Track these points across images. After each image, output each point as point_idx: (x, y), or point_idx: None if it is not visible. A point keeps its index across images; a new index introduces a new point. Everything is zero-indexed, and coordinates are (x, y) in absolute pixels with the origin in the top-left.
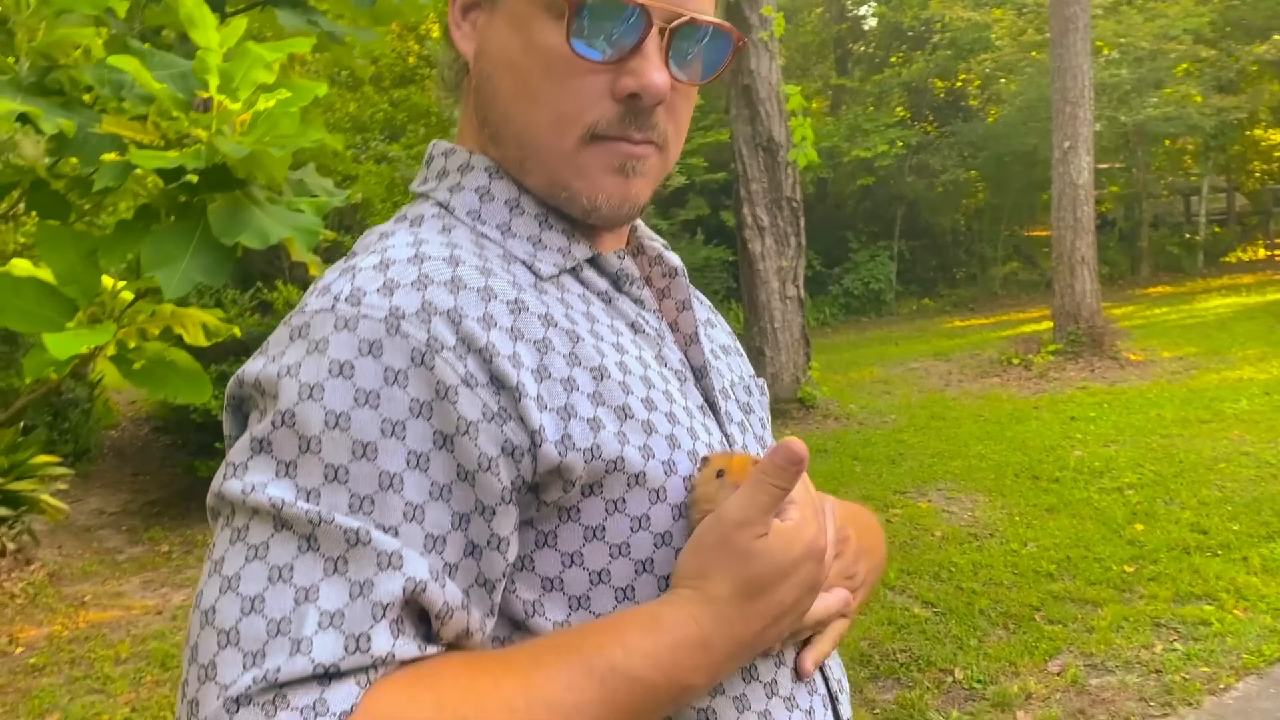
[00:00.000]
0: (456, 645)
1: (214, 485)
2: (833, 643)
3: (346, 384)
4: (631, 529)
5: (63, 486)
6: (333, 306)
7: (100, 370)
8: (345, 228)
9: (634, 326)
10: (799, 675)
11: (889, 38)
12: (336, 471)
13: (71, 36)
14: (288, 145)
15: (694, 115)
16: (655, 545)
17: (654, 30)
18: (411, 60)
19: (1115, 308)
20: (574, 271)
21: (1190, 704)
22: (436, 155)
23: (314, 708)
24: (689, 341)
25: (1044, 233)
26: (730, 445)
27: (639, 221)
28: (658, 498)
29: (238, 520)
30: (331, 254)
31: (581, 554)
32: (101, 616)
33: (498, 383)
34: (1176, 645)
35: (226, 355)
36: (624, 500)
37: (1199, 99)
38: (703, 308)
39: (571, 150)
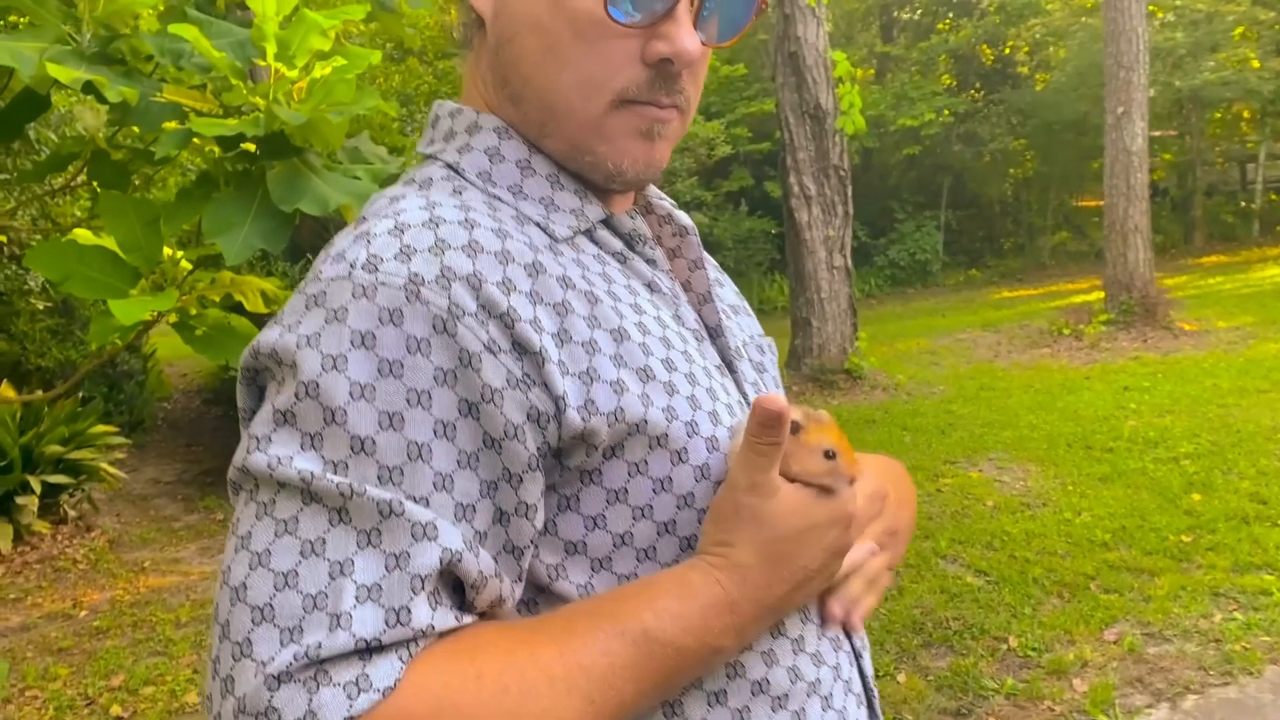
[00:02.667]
0: (489, 613)
1: (236, 459)
2: (876, 595)
3: (369, 354)
4: (654, 490)
5: (120, 455)
6: (349, 274)
7: (154, 343)
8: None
9: (650, 286)
10: (824, 621)
11: (935, 4)
12: (364, 443)
13: (131, 6)
14: (344, 112)
15: (737, 84)
16: (678, 507)
17: None
18: (457, 34)
19: (1168, 277)
20: (588, 232)
21: (1251, 673)
22: (443, 116)
23: (357, 683)
24: (703, 301)
25: (1093, 202)
26: (748, 405)
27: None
28: (680, 459)
29: (263, 494)
30: None
31: (604, 516)
32: (161, 582)
33: (520, 348)
34: (1236, 615)
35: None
36: (646, 462)
37: (1256, 63)
38: (711, 268)
39: (599, 115)
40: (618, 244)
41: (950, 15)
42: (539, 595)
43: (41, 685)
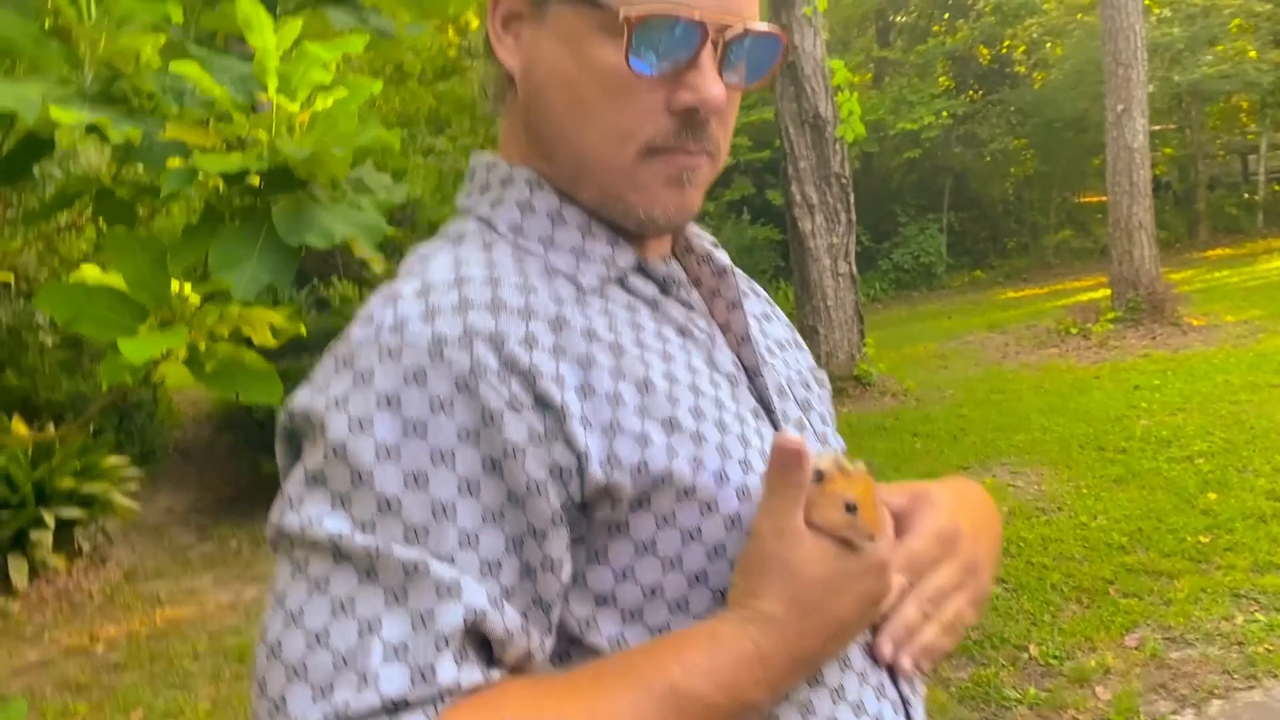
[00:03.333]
0: (520, 668)
1: (272, 518)
2: (951, 636)
3: (395, 415)
4: (682, 542)
5: (133, 487)
6: (376, 336)
7: (162, 373)
8: (396, 222)
9: (683, 331)
10: (875, 659)
11: (931, 6)
12: (390, 503)
13: (132, 45)
14: (348, 144)
15: None
16: (708, 558)
17: (709, 43)
18: (452, 53)
19: (1174, 272)
20: (620, 280)
21: (1276, 675)
22: (479, 168)
23: None
24: (741, 341)
25: (1096, 199)
26: None
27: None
28: (709, 510)
29: (297, 554)
30: (390, 251)
31: (633, 569)
32: (177, 613)
33: (543, 404)
34: (1258, 616)
35: (288, 353)
36: (674, 514)
37: (1254, 54)
38: (758, 300)
39: (629, 165)
40: (650, 290)
41: (946, 17)
42: (571, 647)
43: None
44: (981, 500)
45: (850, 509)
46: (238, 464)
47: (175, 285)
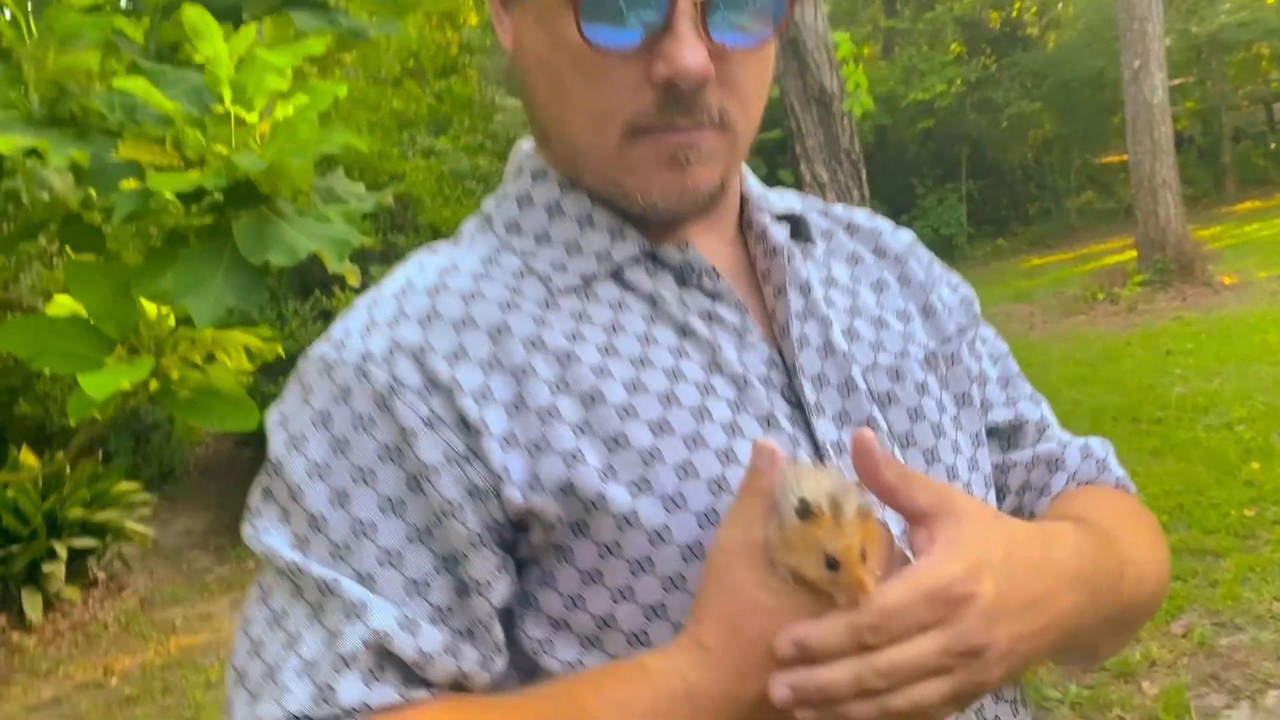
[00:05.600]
0: (462, 688)
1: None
2: None
3: (325, 432)
4: (632, 573)
5: (145, 513)
6: (322, 351)
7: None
8: (398, 227)
9: (684, 331)
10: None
11: None
12: (317, 520)
13: (81, 62)
14: (308, 152)
15: None
16: (664, 589)
17: (681, 3)
18: (453, 51)
19: (1202, 229)
20: (615, 275)
21: None
22: (513, 157)
23: None
24: (783, 333)
25: (1118, 158)
26: (822, 457)
27: (757, 190)
28: (660, 539)
29: (262, 564)
30: (388, 257)
31: (582, 597)
32: (192, 640)
33: (462, 422)
34: None
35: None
36: (617, 543)
37: (1273, 0)
38: (879, 264)
39: (615, 148)
40: (650, 284)
41: None
42: (526, 670)
43: None
44: (1066, 554)
45: (831, 565)
46: (257, 479)
47: (152, 310)
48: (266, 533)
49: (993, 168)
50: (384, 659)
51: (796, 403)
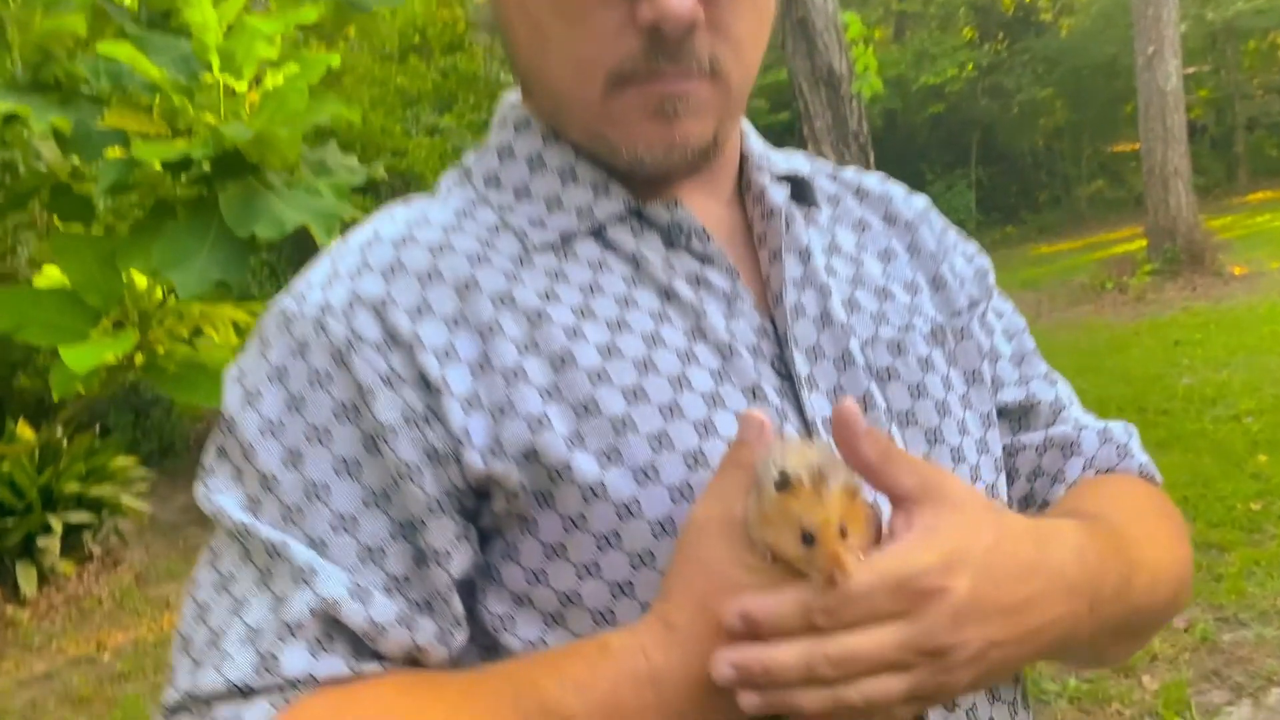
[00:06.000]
0: (416, 661)
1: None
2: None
3: (281, 389)
4: (599, 548)
5: (142, 488)
6: (283, 304)
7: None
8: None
9: (667, 294)
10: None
11: None
12: (269, 480)
13: (67, 26)
14: (298, 123)
15: None
16: (633, 566)
17: None
18: (460, 28)
19: (1213, 219)
20: (598, 234)
21: None
22: (500, 108)
23: None
24: (776, 301)
25: (1130, 147)
26: (811, 433)
27: (758, 148)
28: (629, 513)
29: (212, 526)
30: None
31: (545, 572)
32: None
33: (423, 380)
34: None
35: None
36: (583, 516)
37: None
38: (887, 232)
39: (599, 98)
40: (633, 244)
41: None
42: (494, 646)
43: None
44: (1064, 556)
45: (807, 539)
46: None
47: (142, 282)
48: (218, 492)
49: (1003, 154)
50: (333, 629)
51: (787, 375)
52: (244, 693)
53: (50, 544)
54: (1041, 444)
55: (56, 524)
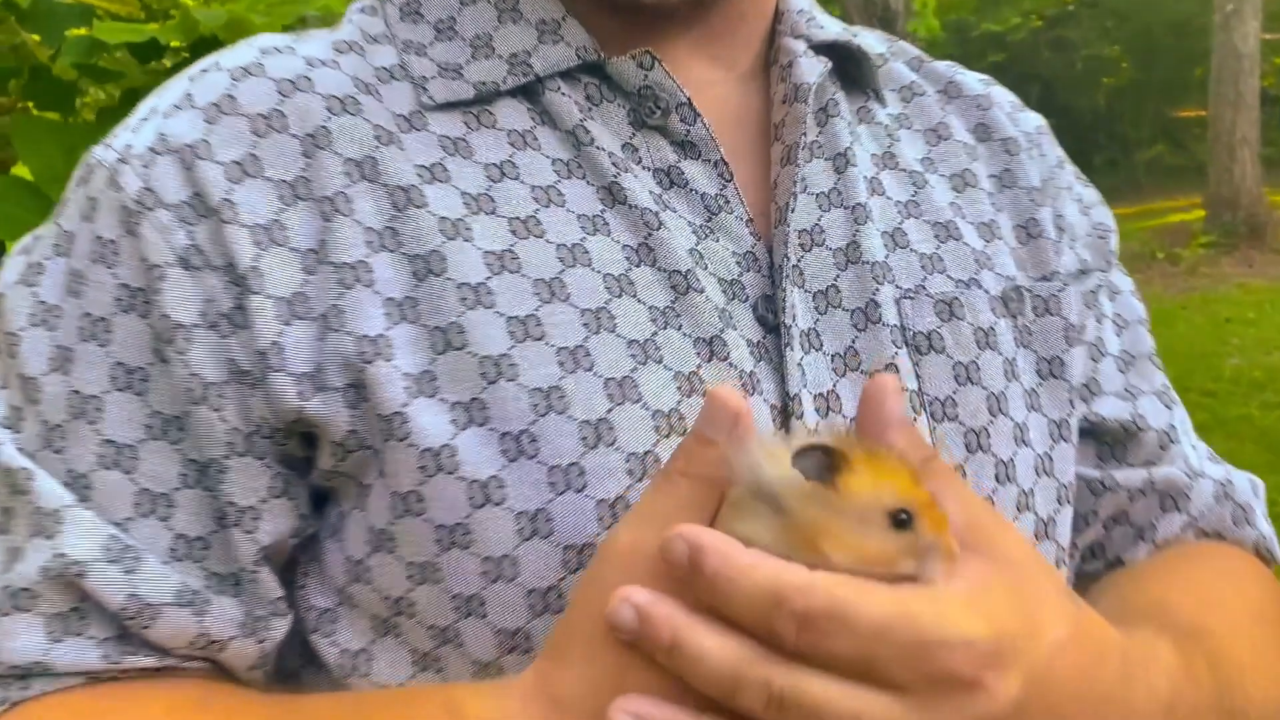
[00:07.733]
0: (215, 659)
1: None
2: None
3: (65, 262)
4: (437, 541)
5: None
6: (93, 150)
7: None
8: None
9: (611, 191)
10: None
11: None
12: (30, 386)
13: None
14: (276, 13)
15: None
16: (484, 577)
17: None
18: None
19: (1277, 194)
20: (530, 93)
21: None
22: None
23: None
24: (780, 219)
25: (1195, 113)
26: (788, 415)
27: (798, 4)
28: (485, 497)
29: None
30: None
31: (367, 566)
32: None
33: (231, 266)
34: None
35: None
36: (417, 495)
37: None
38: (946, 147)
39: None
40: (575, 116)
41: None
42: (309, 655)
43: None
44: (1149, 700)
45: (900, 520)
46: None
47: None
48: None
49: (1062, 112)
50: (85, 603)
51: (775, 327)
52: None
53: None
54: (1142, 486)
55: None
